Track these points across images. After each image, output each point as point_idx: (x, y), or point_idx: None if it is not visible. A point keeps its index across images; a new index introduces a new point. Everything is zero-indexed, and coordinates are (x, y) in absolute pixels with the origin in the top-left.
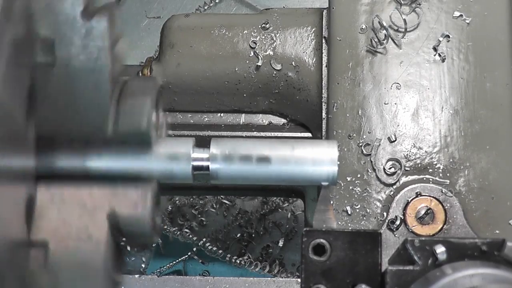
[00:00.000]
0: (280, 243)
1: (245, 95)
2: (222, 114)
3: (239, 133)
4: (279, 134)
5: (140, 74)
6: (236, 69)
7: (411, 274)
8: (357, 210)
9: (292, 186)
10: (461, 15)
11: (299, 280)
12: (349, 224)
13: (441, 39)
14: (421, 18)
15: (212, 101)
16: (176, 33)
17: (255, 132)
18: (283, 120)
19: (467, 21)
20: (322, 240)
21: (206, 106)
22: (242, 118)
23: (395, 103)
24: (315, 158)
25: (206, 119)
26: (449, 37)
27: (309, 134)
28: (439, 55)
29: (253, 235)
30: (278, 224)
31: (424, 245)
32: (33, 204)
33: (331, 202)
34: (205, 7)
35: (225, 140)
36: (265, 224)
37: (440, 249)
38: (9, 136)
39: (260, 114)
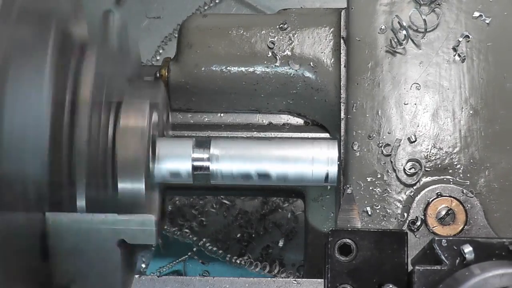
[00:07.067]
0: (280, 243)
1: (262, 95)
2: (222, 114)
3: (239, 133)
4: (279, 134)
5: (158, 75)
6: (254, 69)
7: (438, 274)
8: (377, 211)
9: (292, 186)
10: (480, 15)
11: (298, 280)
12: (370, 225)
13: (460, 39)
14: (441, 18)
15: (230, 102)
16: (194, 33)
17: (255, 132)
18: (282, 121)
19: (487, 22)
20: (348, 240)
21: (224, 107)
22: (242, 118)
23: (415, 104)
24: (315, 159)
25: (206, 119)
26: (468, 37)
27: (307, 135)
28: (459, 55)
29: (253, 235)
30: (278, 224)
31: (452, 245)
32: None
33: (356, 201)
34: (205, 7)
35: (225, 140)
36: (265, 224)
37: (467, 249)
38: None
39: (259, 114)
